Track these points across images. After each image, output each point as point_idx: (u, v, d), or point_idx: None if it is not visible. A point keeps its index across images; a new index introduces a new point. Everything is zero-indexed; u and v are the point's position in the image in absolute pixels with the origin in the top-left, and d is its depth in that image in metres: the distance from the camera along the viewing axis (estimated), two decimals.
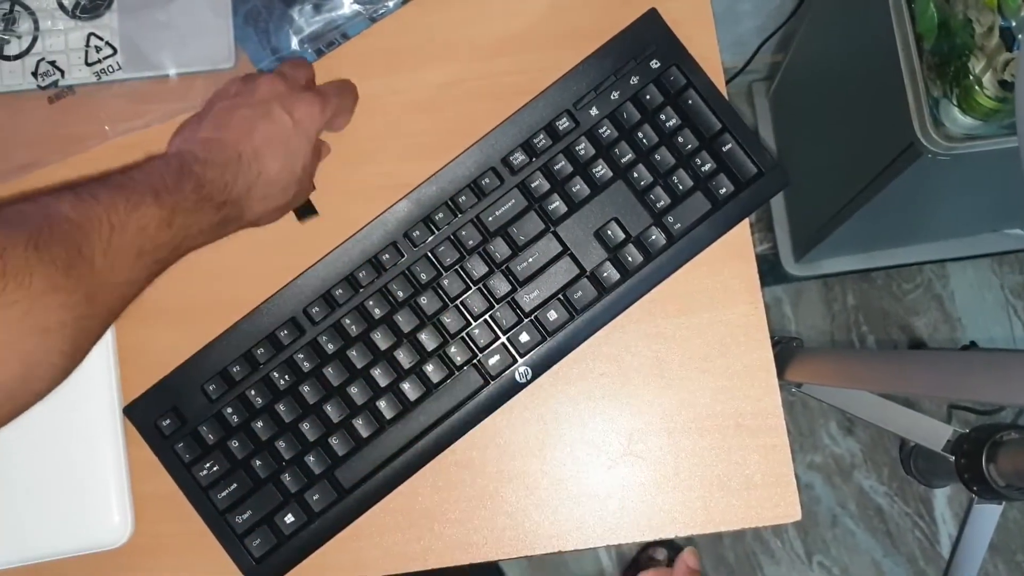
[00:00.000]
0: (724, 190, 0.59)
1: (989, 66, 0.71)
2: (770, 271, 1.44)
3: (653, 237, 0.59)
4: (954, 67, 0.74)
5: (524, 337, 0.59)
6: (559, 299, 0.59)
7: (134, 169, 0.49)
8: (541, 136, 0.60)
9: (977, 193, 1.00)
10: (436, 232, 0.59)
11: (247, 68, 0.64)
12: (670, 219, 0.59)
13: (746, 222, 0.60)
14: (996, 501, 1.12)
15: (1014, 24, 0.68)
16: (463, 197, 0.59)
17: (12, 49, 0.63)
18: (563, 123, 0.60)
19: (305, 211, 0.62)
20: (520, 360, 0.59)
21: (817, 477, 1.44)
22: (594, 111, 0.60)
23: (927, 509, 1.43)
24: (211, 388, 0.59)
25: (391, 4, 0.64)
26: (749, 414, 0.59)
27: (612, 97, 0.60)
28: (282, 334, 0.59)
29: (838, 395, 1.28)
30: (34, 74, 0.63)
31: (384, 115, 0.64)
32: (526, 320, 0.59)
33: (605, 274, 0.59)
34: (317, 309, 0.59)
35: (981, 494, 1.08)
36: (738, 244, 0.61)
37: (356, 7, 0.64)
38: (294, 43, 0.63)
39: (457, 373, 0.59)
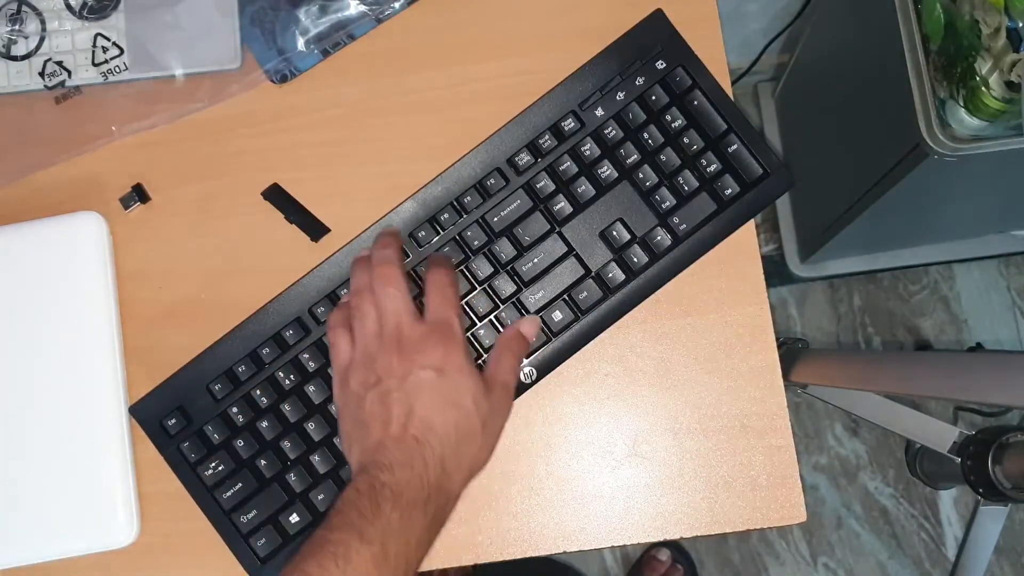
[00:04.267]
0: (730, 191, 0.59)
1: (996, 67, 0.71)
2: (776, 272, 1.44)
3: (658, 238, 0.59)
4: (961, 68, 0.74)
5: None
6: (564, 300, 0.59)
7: (332, 512, 0.47)
8: (547, 136, 0.60)
9: (983, 194, 1.00)
10: (441, 233, 0.59)
11: (253, 69, 0.64)
12: (676, 220, 0.59)
13: (752, 223, 0.60)
14: (1002, 503, 1.12)
15: (1021, 25, 0.68)
16: (468, 198, 0.59)
17: (19, 49, 0.64)
18: (569, 123, 0.60)
19: (318, 231, 0.62)
20: (525, 360, 0.59)
21: (822, 478, 1.44)
22: (600, 111, 0.60)
23: (933, 511, 1.42)
24: (217, 388, 0.59)
25: (397, 5, 0.64)
26: (754, 415, 0.59)
27: (618, 98, 0.60)
28: (288, 334, 0.59)
29: (844, 396, 1.28)
30: (41, 74, 0.64)
31: (390, 116, 0.64)
32: None
33: (610, 275, 0.59)
34: (323, 309, 0.59)
35: (987, 496, 1.08)
36: (744, 245, 0.61)
37: (362, 8, 0.64)
38: (300, 44, 0.64)
39: None
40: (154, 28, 0.64)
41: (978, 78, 0.72)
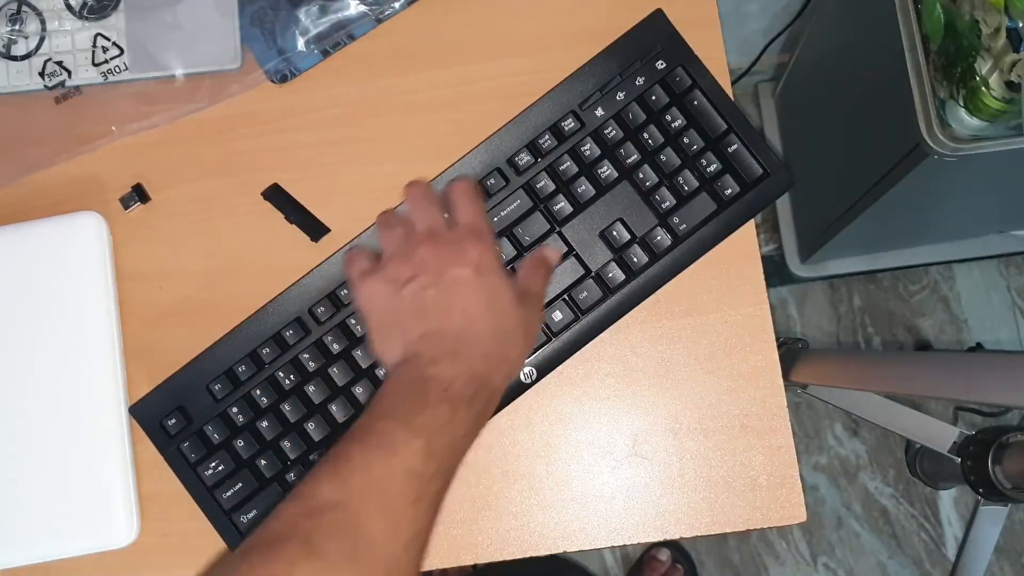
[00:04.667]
0: (730, 191, 0.59)
1: (996, 67, 0.71)
2: (776, 272, 1.44)
3: (659, 238, 0.59)
4: (961, 68, 0.73)
5: None
6: (564, 300, 0.59)
7: (376, 400, 0.46)
8: (547, 136, 0.60)
9: (983, 194, 1.00)
10: None
11: (253, 69, 0.64)
12: (676, 220, 0.59)
13: (752, 223, 0.60)
14: (1002, 503, 1.12)
15: (1021, 25, 0.68)
16: None
17: (19, 49, 0.64)
18: (569, 123, 0.60)
19: (318, 231, 0.62)
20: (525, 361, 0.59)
21: (822, 478, 1.44)
22: (600, 111, 0.60)
23: (933, 511, 1.42)
24: (217, 388, 0.59)
25: (397, 5, 0.64)
26: (754, 415, 0.59)
27: (618, 98, 0.60)
28: (288, 334, 0.59)
29: (844, 396, 1.28)
30: (41, 74, 0.64)
31: (390, 116, 0.64)
32: None
33: (611, 275, 0.59)
34: (322, 309, 0.59)
35: (987, 496, 1.08)
36: (744, 245, 0.61)
37: (362, 8, 0.64)
38: (300, 44, 0.64)
39: None
40: (154, 28, 0.64)
41: (978, 78, 0.72)
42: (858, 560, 1.42)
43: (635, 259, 0.59)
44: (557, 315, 0.59)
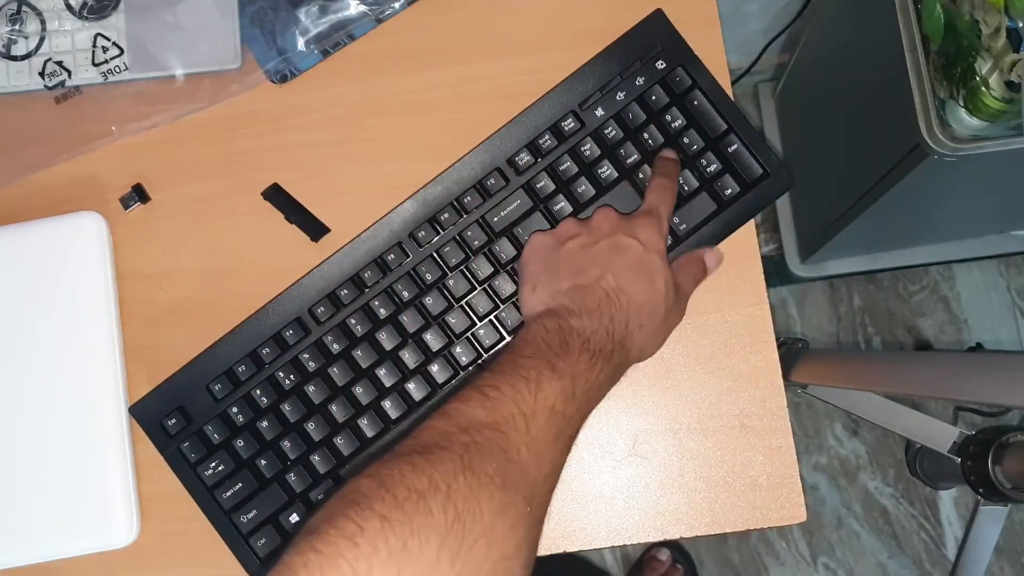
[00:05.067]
0: (729, 191, 0.59)
1: (996, 67, 0.71)
2: (776, 272, 1.44)
3: None
4: (961, 68, 0.73)
5: None
6: None
7: (519, 344, 0.47)
8: (547, 136, 0.60)
9: (983, 194, 1.00)
10: (441, 232, 0.59)
11: (253, 69, 0.64)
12: (676, 219, 0.59)
13: (752, 223, 0.60)
14: (1002, 503, 1.12)
15: (1021, 25, 0.68)
16: (468, 197, 0.59)
17: (19, 49, 0.64)
18: (569, 123, 0.60)
19: (318, 231, 0.62)
20: None
21: (822, 478, 1.44)
22: (600, 111, 0.60)
23: (933, 511, 1.42)
24: (217, 388, 0.59)
25: (397, 5, 0.64)
26: (754, 415, 0.59)
27: (618, 98, 0.60)
28: (288, 334, 0.59)
29: (844, 396, 1.28)
30: (41, 74, 0.64)
31: (390, 116, 0.64)
32: None
33: None
34: (322, 309, 0.59)
35: (987, 496, 1.08)
36: (744, 245, 0.61)
37: (362, 8, 0.64)
38: (300, 44, 0.64)
39: (462, 373, 0.59)
40: (154, 28, 0.64)
41: (978, 78, 0.72)
42: (858, 560, 1.42)
43: None
44: None
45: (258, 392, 0.59)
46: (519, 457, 0.41)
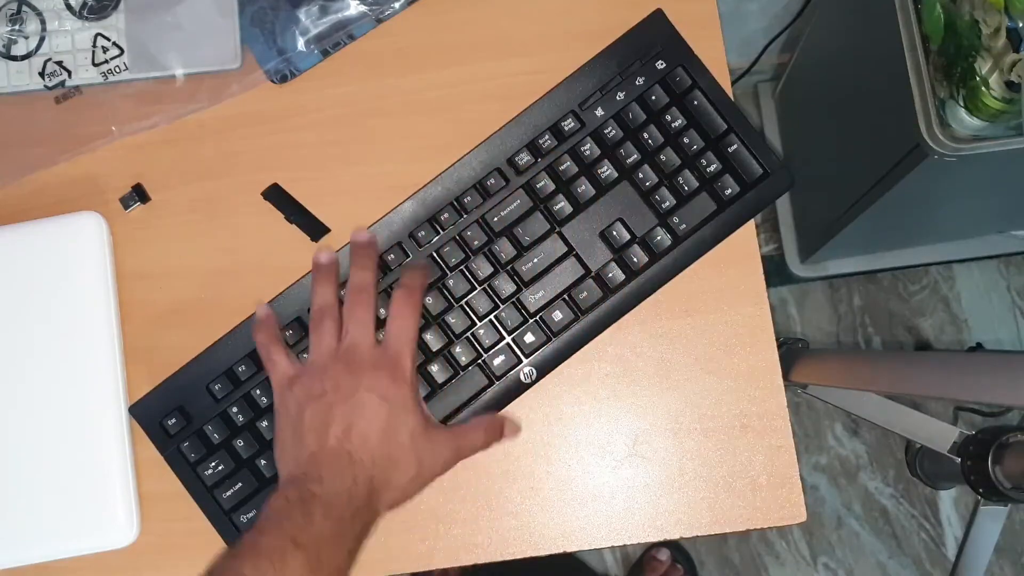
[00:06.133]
0: (729, 191, 0.59)
1: (996, 67, 0.71)
2: (776, 272, 1.44)
3: (658, 238, 0.59)
4: (961, 68, 0.73)
5: (529, 338, 0.59)
6: (564, 299, 0.59)
7: (262, 520, 0.48)
8: (547, 136, 0.60)
9: (983, 194, 0.99)
10: (441, 232, 0.59)
11: (253, 69, 0.64)
12: (675, 220, 0.59)
13: (752, 223, 0.60)
14: (1002, 503, 1.12)
15: (1021, 25, 0.68)
16: (468, 197, 0.59)
17: (19, 49, 0.64)
18: (569, 123, 0.60)
19: (318, 231, 0.62)
20: (525, 360, 0.59)
21: (822, 478, 1.44)
22: (600, 111, 0.60)
23: (933, 511, 1.42)
24: (216, 387, 0.59)
25: (397, 5, 0.64)
26: (754, 415, 0.59)
27: (618, 98, 0.60)
28: (288, 333, 0.59)
29: (844, 396, 1.28)
30: (41, 74, 0.64)
31: (390, 117, 0.64)
32: (531, 320, 0.59)
33: (610, 275, 0.59)
34: None
35: (987, 496, 1.08)
36: (744, 245, 0.61)
37: (362, 8, 0.64)
38: (300, 44, 0.64)
39: (462, 373, 0.59)
40: (154, 28, 0.64)
41: (978, 78, 0.72)
42: (858, 560, 1.42)
43: (635, 259, 0.59)
44: (557, 315, 0.59)
45: (258, 392, 0.59)
46: None
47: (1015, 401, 0.81)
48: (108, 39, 0.64)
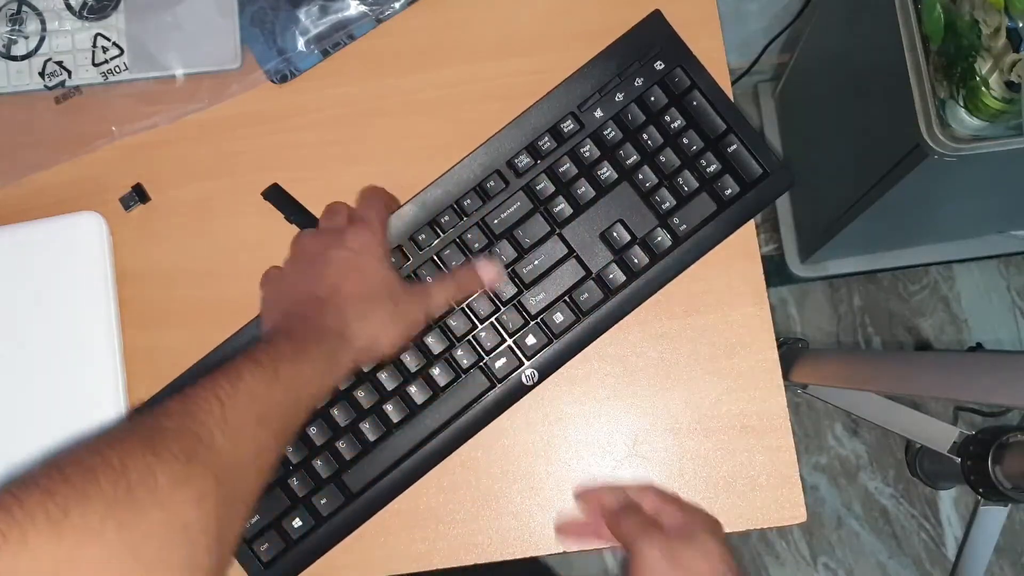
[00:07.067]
0: (730, 191, 0.59)
1: (996, 67, 0.71)
2: (776, 272, 1.44)
3: (659, 238, 0.59)
4: (961, 68, 0.73)
5: (530, 340, 0.59)
6: (565, 301, 0.59)
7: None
8: (546, 138, 0.60)
9: (984, 194, 0.99)
10: (442, 235, 0.59)
11: (253, 69, 0.64)
12: (676, 220, 0.59)
13: (752, 223, 0.60)
14: (1002, 503, 1.12)
15: (1021, 25, 0.68)
16: (468, 200, 0.59)
17: (19, 49, 0.64)
18: (568, 125, 0.60)
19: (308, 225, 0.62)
20: (527, 363, 0.59)
21: (822, 478, 1.44)
22: (599, 113, 0.60)
23: (933, 511, 1.42)
24: None
25: (397, 5, 0.64)
26: (754, 415, 0.59)
27: (617, 99, 0.60)
28: None
29: (844, 396, 1.28)
30: (41, 74, 0.64)
31: (390, 117, 0.64)
32: (532, 323, 0.59)
33: (611, 276, 0.59)
34: None
35: (987, 496, 1.08)
36: (744, 245, 0.61)
37: (362, 8, 0.64)
38: (300, 44, 0.64)
39: (464, 376, 0.59)
40: (154, 28, 0.64)
41: (978, 78, 0.72)
42: (858, 560, 1.42)
43: (636, 260, 0.59)
44: (558, 317, 0.59)
45: None
46: (211, 439, 0.41)
47: (1015, 401, 0.81)
48: (108, 39, 0.64)
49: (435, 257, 0.59)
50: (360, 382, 0.59)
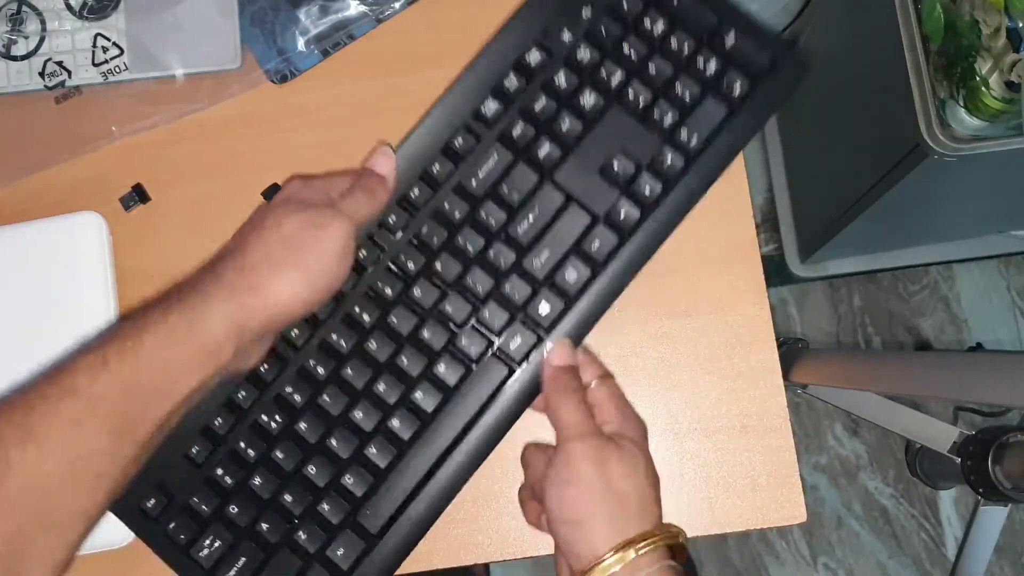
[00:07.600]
0: (739, 89, 0.50)
1: (996, 67, 0.71)
2: (776, 272, 1.44)
3: (669, 159, 0.50)
4: (961, 68, 0.74)
5: (544, 308, 0.51)
6: (575, 255, 0.51)
7: None
8: (511, 77, 0.52)
9: (983, 194, 1.00)
10: (415, 213, 0.52)
11: (253, 69, 0.64)
12: (683, 135, 0.50)
13: (752, 223, 0.60)
14: (1002, 503, 1.12)
15: (1021, 25, 0.68)
16: (436, 166, 0.52)
17: (19, 49, 0.64)
18: (533, 56, 0.52)
19: None
20: (546, 336, 0.51)
21: (822, 478, 1.44)
22: (566, 35, 0.51)
23: (933, 511, 1.42)
24: (194, 451, 0.51)
25: (397, 5, 0.64)
26: (754, 415, 0.59)
27: (584, 16, 0.51)
28: (262, 370, 0.51)
29: (844, 396, 1.28)
30: (41, 74, 0.64)
31: (390, 116, 0.64)
32: (542, 288, 0.51)
33: (623, 215, 0.50)
34: (296, 332, 0.51)
35: (987, 496, 1.08)
36: (744, 245, 0.60)
37: (362, 8, 0.64)
38: (300, 44, 0.64)
39: (476, 368, 0.51)
40: (154, 28, 0.64)
41: (978, 78, 0.72)
42: (858, 560, 1.42)
43: (647, 190, 0.50)
44: (571, 275, 0.50)
45: (242, 445, 0.51)
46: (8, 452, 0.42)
47: (1015, 401, 0.81)
48: (108, 39, 0.64)
49: (412, 239, 0.52)
50: (356, 402, 0.51)
